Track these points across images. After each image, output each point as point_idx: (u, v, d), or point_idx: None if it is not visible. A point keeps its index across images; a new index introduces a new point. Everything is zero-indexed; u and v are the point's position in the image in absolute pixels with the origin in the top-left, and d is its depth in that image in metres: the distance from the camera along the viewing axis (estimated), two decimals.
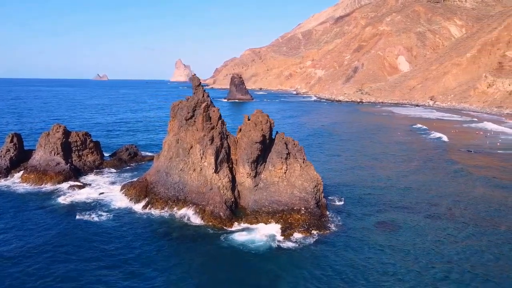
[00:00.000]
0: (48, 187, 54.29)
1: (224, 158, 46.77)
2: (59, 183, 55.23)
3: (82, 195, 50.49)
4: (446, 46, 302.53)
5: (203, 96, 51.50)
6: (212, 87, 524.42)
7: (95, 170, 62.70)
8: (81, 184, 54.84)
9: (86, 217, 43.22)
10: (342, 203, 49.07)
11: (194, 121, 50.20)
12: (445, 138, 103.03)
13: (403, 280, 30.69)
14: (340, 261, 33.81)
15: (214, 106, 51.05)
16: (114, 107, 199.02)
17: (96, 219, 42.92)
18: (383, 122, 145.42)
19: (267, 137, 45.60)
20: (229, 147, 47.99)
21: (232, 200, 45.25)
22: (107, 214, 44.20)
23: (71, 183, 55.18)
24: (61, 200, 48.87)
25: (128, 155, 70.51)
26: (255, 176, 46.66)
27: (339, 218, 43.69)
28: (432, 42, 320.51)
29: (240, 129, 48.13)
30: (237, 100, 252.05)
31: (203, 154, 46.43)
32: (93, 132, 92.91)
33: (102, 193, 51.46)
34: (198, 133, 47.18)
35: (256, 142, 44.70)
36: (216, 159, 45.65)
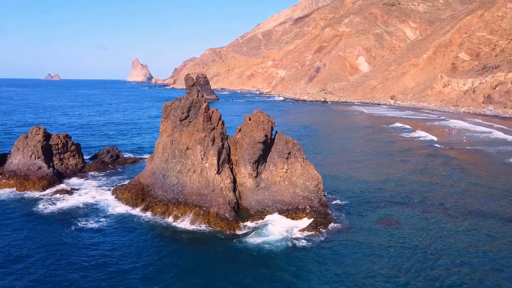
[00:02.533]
0: (31, 193, 51.13)
1: (225, 159, 46.25)
2: (43, 188, 52.20)
3: (72, 201, 48.02)
4: (403, 47, 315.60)
5: (198, 96, 50.68)
6: (173, 87, 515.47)
7: (78, 174, 59.92)
8: (69, 189, 52.20)
9: (82, 224, 41.00)
10: (339, 201, 49.93)
11: (189, 122, 49.33)
12: (430, 136, 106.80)
13: (423, 270, 31.79)
14: (357, 257, 34.41)
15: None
16: (78, 109, 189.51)
17: (94, 226, 40.77)
18: (360, 121, 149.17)
19: (269, 137, 45.61)
20: (229, 147, 47.51)
21: (234, 201, 44.86)
22: (105, 220, 42.24)
23: (57, 188, 52.43)
24: (51, 206, 46.08)
25: (110, 157, 67.96)
26: (256, 177, 46.53)
27: (342, 215, 44.46)
28: (389, 44, 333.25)
29: (240, 129, 47.80)
30: None
31: (204, 155, 45.62)
32: None
33: (94, 197, 49.28)
34: (199, 134, 46.31)
35: (259, 142, 44.59)
36: (218, 160, 45.04)
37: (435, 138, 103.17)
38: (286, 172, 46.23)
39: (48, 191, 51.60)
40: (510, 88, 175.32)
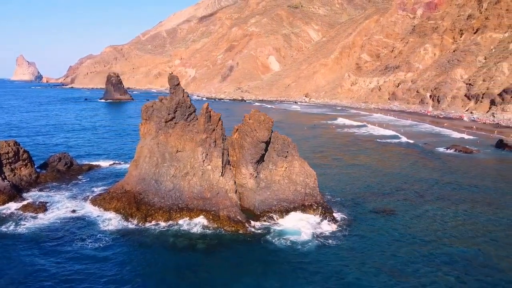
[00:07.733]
0: None
1: (227, 160, 44.87)
2: (3, 204, 44.93)
3: (51, 217, 42.04)
4: (310, 48, 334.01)
5: (183, 96, 48.33)
6: (72, 87, 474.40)
7: (36, 186, 52.65)
8: (38, 203, 45.61)
9: (80, 245, 35.70)
10: (330, 196, 51.67)
11: (175, 123, 46.84)
12: (376, 130, 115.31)
13: (431, 249, 34.91)
14: (377, 245, 36.42)
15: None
16: None
17: (96, 245, 35.79)
18: (297, 119, 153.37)
19: (270, 136, 45.38)
20: (227, 148, 46.15)
21: (238, 203, 43.88)
22: (104, 237, 37.41)
23: (22, 203, 45.33)
24: (26, 225, 39.67)
25: (64, 165, 60.86)
26: (256, 177, 45.98)
27: (343, 209, 46.29)
28: (296, 44, 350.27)
29: (237, 129, 46.73)
30: (117, 101, 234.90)
31: (206, 157, 43.68)
32: None
33: (74, 211, 43.85)
34: (199, 135, 44.15)
35: (262, 142, 44.16)
36: (222, 162, 43.52)
37: (375, 133, 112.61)
38: (285, 170, 46.48)
39: (12, 207, 44.47)
40: (410, 86, 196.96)
